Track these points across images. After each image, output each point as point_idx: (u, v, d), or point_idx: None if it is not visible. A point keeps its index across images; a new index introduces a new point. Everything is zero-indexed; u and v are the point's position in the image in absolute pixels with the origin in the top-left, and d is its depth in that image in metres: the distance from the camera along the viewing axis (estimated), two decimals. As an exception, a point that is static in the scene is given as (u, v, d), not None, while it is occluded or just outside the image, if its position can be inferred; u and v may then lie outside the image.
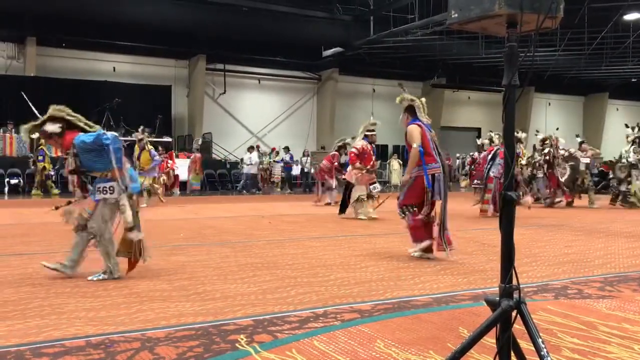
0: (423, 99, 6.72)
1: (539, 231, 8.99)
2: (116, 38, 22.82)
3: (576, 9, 18.59)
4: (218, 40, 23.83)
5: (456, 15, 2.64)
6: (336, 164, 13.96)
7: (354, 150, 11.01)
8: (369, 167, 10.84)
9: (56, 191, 17.64)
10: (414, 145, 6.21)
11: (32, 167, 17.99)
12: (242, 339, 3.29)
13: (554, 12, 2.47)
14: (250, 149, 21.39)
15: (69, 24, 21.00)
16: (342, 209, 11.28)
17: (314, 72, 28.78)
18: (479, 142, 14.97)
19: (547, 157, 14.05)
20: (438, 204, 6.21)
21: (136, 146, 13.52)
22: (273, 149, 24.42)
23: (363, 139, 11.07)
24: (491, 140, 12.84)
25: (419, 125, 6.40)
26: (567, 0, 2.80)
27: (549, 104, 35.35)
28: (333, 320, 3.71)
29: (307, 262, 5.91)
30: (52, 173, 17.81)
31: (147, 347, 3.15)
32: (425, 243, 6.23)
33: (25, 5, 19.56)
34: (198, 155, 20.35)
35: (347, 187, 11.23)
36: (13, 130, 19.59)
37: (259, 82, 27.81)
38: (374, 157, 11.12)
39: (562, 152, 14.44)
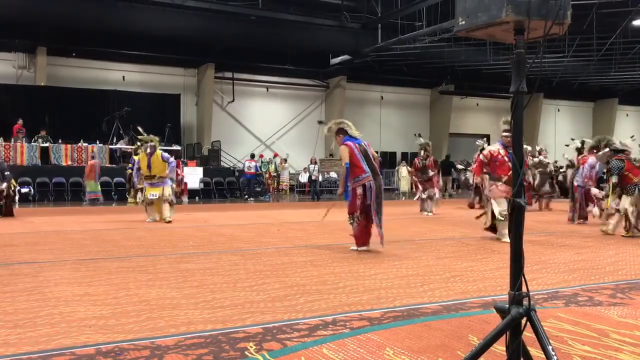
0: (349, 123, 7.82)
1: (548, 238, 8.94)
2: (125, 47, 23.00)
3: (585, 15, 18.54)
4: (227, 48, 23.97)
5: (463, 22, 2.65)
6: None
7: (480, 156, 9.17)
8: (505, 177, 8.32)
9: (132, 201, 17.83)
10: (342, 164, 7.34)
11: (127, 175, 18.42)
12: (251, 347, 3.28)
13: (562, 18, 2.47)
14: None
15: (78, 34, 21.21)
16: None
17: (322, 79, 28.86)
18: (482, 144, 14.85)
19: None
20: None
21: (142, 154, 11.91)
22: (275, 155, 24.47)
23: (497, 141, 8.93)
24: (579, 151, 12.58)
25: (347, 145, 7.34)
26: (575, 6, 2.80)
27: (558, 110, 35.23)
28: (342, 328, 3.70)
29: (316, 270, 5.91)
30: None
31: (157, 355, 3.15)
32: (364, 248, 7.32)
33: (36, 16, 19.76)
34: (92, 161, 19.04)
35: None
36: (24, 139, 19.75)
37: (267, 90, 27.92)
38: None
39: (534, 159, 15.29)
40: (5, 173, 12.69)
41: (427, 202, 13.90)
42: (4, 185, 12.51)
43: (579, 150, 12.65)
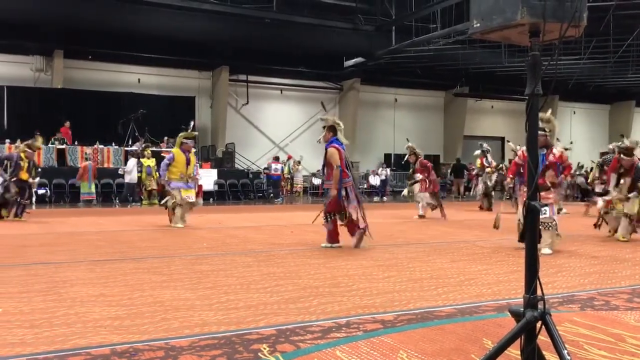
0: (342, 124, 8.15)
1: (564, 241, 8.85)
2: (141, 50, 23.18)
3: (601, 17, 18.38)
4: (241, 51, 24.09)
5: (478, 24, 2.64)
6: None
7: (515, 158, 8.42)
8: (556, 180, 7.59)
9: (155, 201, 18.03)
10: (335, 167, 7.66)
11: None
12: (264, 349, 3.29)
13: (578, 20, 2.46)
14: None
15: (95, 37, 21.42)
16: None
17: (335, 82, 28.87)
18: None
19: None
20: (353, 208, 7.75)
21: (177, 150, 11.00)
22: (289, 157, 24.52)
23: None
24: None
25: (337, 149, 7.77)
26: (591, 8, 2.78)
27: (574, 112, 34.93)
28: (355, 330, 3.70)
29: (329, 272, 5.91)
30: (145, 184, 18.38)
31: (171, 355, 3.17)
32: (337, 245, 7.84)
33: (53, 20, 20.00)
34: (85, 163, 19.04)
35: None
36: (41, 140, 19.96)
37: (281, 93, 27.98)
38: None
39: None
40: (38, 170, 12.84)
41: (432, 207, 13.80)
42: (37, 180, 12.68)
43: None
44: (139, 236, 9.35)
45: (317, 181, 24.89)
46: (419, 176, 13.97)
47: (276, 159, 23.62)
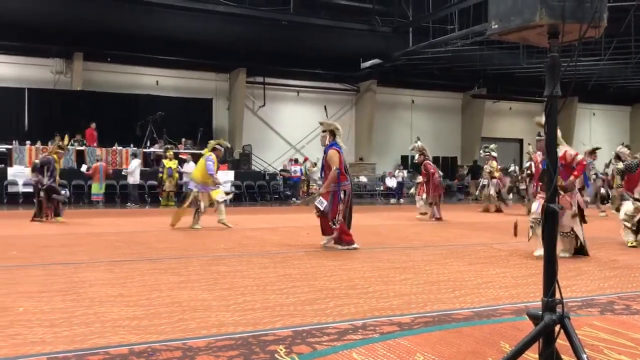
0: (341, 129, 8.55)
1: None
2: (159, 53, 23.35)
3: (621, 17, 18.14)
4: (258, 53, 24.15)
5: (496, 26, 2.62)
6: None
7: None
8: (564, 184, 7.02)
9: (172, 203, 18.30)
10: (333, 168, 7.90)
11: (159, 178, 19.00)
12: (281, 350, 3.30)
13: (598, 21, 2.43)
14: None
15: (113, 39, 21.60)
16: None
17: (352, 83, 28.83)
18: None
19: (530, 171, 13.92)
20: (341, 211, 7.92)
21: (215, 157, 11.13)
22: (305, 159, 24.54)
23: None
24: None
25: (337, 151, 8.06)
26: (611, 8, 2.75)
27: (594, 114, 34.51)
28: (372, 332, 3.70)
29: (346, 274, 5.90)
30: (166, 185, 18.54)
31: (188, 356, 3.20)
32: (355, 245, 7.90)
33: (73, 23, 20.21)
34: (97, 164, 19.01)
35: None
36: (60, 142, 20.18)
37: (298, 94, 28.02)
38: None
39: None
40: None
41: (429, 207, 13.80)
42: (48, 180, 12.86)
43: None
44: (156, 237, 9.42)
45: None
46: (420, 178, 14.06)
47: (295, 161, 23.70)
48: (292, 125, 27.66)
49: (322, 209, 7.97)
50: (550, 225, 2.48)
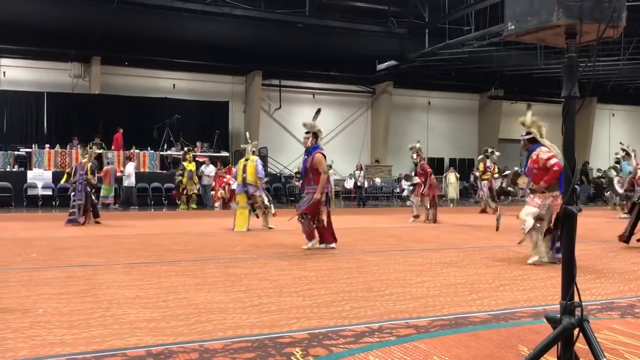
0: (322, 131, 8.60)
1: (603, 247, 8.65)
2: (176, 56, 23.54)
3: (641, 17, 17.91)
4: (273, 56, 24.24)
5: (513, 27, 2.60)
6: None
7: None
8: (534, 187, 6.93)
9: (194, 205, 18.45)
10: (324, 172, 8.00)
11: (176, 180, 19.00)
12: (297, 352, 3.30)
13: (616, 20, 2.40)
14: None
15: (131, 43, 21.84)
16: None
17: (368, 85, 28.80)
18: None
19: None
20: (326, 213, 8.20)
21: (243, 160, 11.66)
22: None
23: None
24: None
25: (323, 155, 8.11)
26: (630, 8, 2.71)
27: (613, 115, 34.10)
28: (389, 335, 3.68)
29: (362, 277, 5.89)
30: (187, 188, 18.56)
31: (205, 358, 3.21)
32: (315, 241, 8.13)
33: (91, 27, 20.47)
34: (107, 167, 18.90)
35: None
36: (79, 145, 20.41)
37: (314, 97, 28.04)
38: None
39: None
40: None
41: (425, 210, 13.71)
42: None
43: None
44: (173, 240, 9.48)
45: (349, 185, 24.84)
46: (416, 179, 13.99)
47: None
48: (308, 128, 27.68)
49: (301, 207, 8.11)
50: (569, 227, 2.45)
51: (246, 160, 11.44)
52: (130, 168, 19.02)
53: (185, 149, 19.61)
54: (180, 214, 17.15)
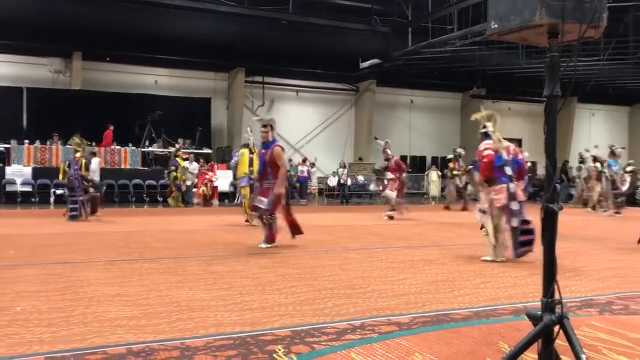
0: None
1: (583, 244, 8.76)
2: (158, 52, 23.32)
3: (620, 17, 18.15)
4: (257, 53, 24.14)
5: (496, 25, 2.62)
6: None
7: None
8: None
9: (181, 204, 18.28)
10: (283, 166, 7.92)
11: (166, 178, 18.81)
12: (279, 350, 3.29)
13: (597, 21, 2.43)
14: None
15: (113, 39, 21.58)
16: None
17: (351, 83, 28.83)
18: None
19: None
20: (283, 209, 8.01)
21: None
22: (305, 159, 24.52)
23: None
24: None
25: (282, 148, 8.09)
26: (610, 8, 2.74)
27: (593, 114, 34.53)
28: (371, 332, 3.69)
29: (345, 274, 5.90)
30: (181, 184, 18.50)
31: (186, 355, 3.19)
32: (275, 245, 7.91)
33: (72, 22, 20.18)
34: None
35: None
36: (59, 142, 20.18)
37: (297, 94, 28.00)
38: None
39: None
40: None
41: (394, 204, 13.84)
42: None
43: None
44: (155, 237, 9.41)
45: (332, 182, 24.86)
46: (390, 175, 14.04)
47: (303, 161, 23.79)
48: (291, 125, 27.63)
49: (262, 207, 7.85)
50: (550, 225, 2.48)
51: (251, 153, 11.18)
52: (94, 164, 18.79)
53: (177, 146, 19.45)
54: (162, 211, 17.04)
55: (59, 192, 18.47)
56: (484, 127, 7.22)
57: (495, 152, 6.96)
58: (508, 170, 6.89)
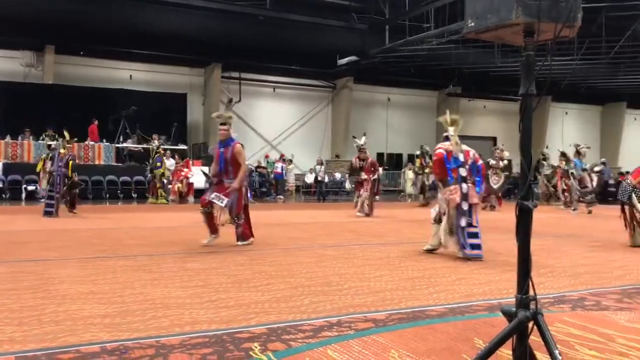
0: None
1: (556, 241, 8.90)
2: (133, 46, 23.06)
3: (593, 18, 18.46)
4: (234, 48, 24.01)
5: (472, 24, 2.64)
6: None
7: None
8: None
9: (164, 200, 18.05)
10: (244, 165, 7.87)
11: (149, 174, 18.50)
12: (255, 347, 3.28)
13: (572, 20, 2.45)
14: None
15: (86, 32, 21.25)
16: None
17: (328, 80, 28.85)
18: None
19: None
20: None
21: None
22: (282, 156, 24.49)
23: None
24: None
25: (243, 146, 8.03)
26: (584, 9, 2.78)
27: (566, 113, 35.10)
28: (347, 329, 3.70)
29: (321, 271, 5.90)
30: (165, 181, 18.41)
31: (162, 354, 3.15)
32: (251, 240, 7.94)
33: (45, 15, 19.81)
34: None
35: None
36: (31, 137, 19.82)
37: (274, 91, 27.93)
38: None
39: (498, 162, 17.01)
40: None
41: (362, 204, 13.92)
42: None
43: None
44: (130, 234, 9.30)
45: (309, 179, 24.87)
46: (364, 176, 14.08)
47: (281, 157, 23.84)
48: (268, 122, 27.57)
49: (223, 205, 7.64)
50: (524, 222, 2.50)
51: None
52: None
53: (157, 142, 19.19)
54: (137, 207, 16.84)
55: (30, 188, 18.16)
56: (446, 130, 7.43)
57: (447, 153, 7.14)
58: (463, 172, 7.07)
